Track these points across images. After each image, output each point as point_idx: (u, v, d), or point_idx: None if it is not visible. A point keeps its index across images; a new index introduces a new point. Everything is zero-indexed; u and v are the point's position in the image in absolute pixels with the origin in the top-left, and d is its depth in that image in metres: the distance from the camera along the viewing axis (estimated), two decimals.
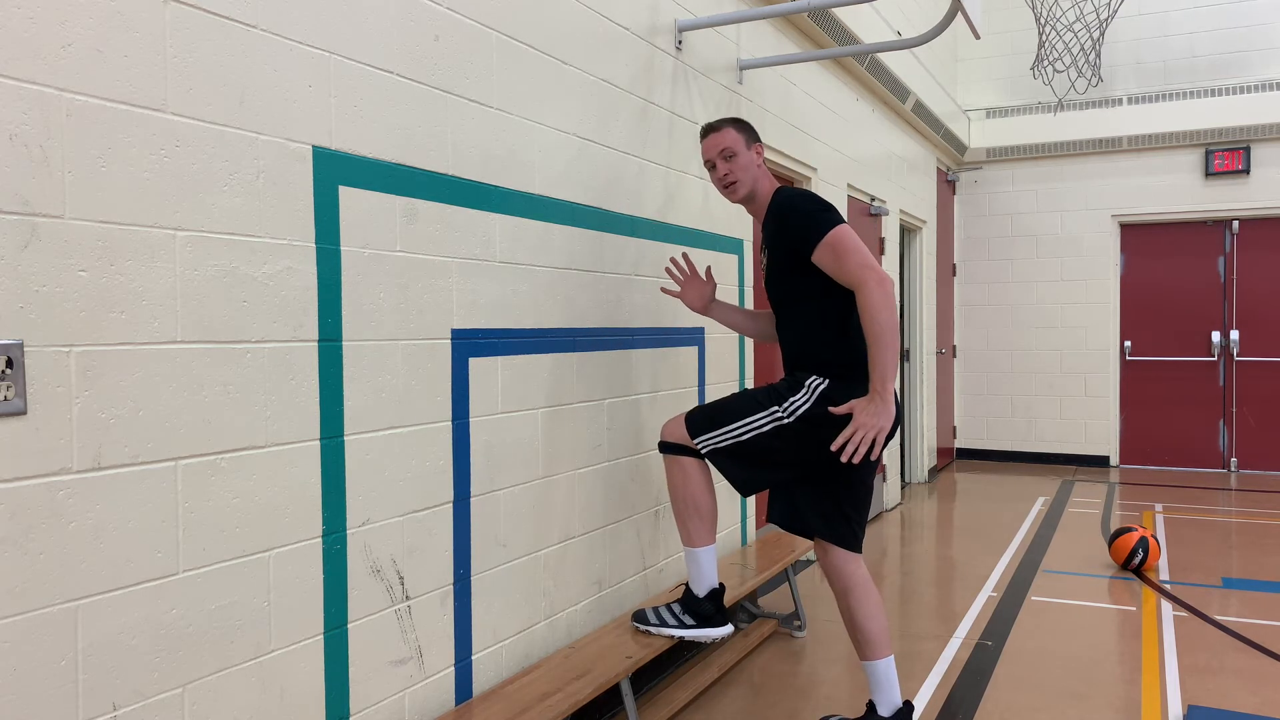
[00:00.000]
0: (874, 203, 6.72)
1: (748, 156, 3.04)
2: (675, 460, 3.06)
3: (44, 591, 1.71)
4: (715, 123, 3.12)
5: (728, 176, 3.05)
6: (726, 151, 3.04)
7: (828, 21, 5.15)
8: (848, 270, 2.74)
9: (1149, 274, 8.96)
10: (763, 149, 3.10)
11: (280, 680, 2.16)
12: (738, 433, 2.91)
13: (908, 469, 8.20)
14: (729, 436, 2.92)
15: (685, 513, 3.06)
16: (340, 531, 2.32)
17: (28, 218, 1.68)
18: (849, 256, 2.74)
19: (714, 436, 2.94)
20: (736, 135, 3.06)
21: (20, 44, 1.66)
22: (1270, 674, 3.77)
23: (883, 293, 2.68)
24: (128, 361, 1.84)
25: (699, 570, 3.11)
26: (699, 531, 3.07)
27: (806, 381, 2.88)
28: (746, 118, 4.53)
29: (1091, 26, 6.82)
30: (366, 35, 2.37)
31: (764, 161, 3.10)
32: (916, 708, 3.47)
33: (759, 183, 3.06)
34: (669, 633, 3.14)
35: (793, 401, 2.86)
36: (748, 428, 2.90)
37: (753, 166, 3.05)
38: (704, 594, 3.12)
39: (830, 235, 2.77)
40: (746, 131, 3.09)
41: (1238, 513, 7.02)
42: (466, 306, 2.72)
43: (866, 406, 2.69)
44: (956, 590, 5.07)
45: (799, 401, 2.86)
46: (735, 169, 3.03)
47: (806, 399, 2.85)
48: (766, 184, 3.07)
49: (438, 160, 2.60)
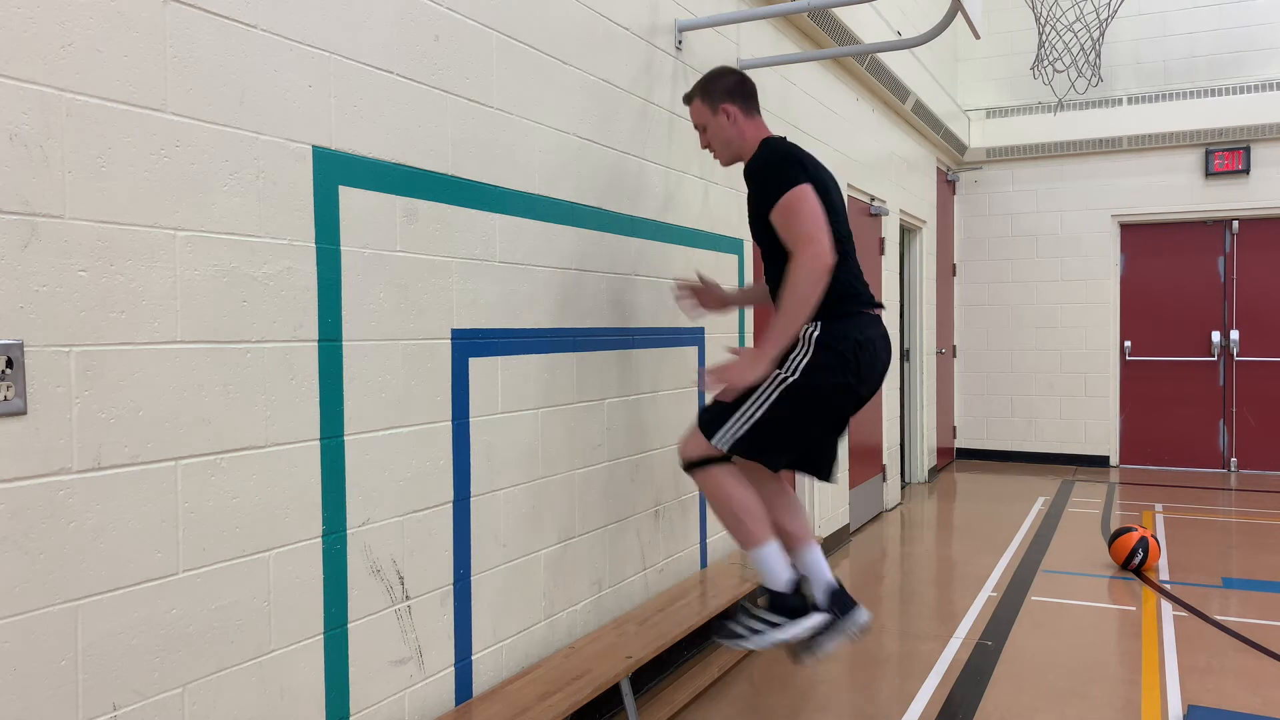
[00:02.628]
0: (874, 203, 6.72)
1: (717, 122, 3.00)
2: (704, 473, 2.87)
3: (44, 591, 1.71)
4: (686, 94, 3.13)
5: (707, 148, 3.10)
6: (697, 124, 3.08)
7: (827, 21, 5.15)
8: (791, 235, 2.70)
9: (1149, 274, 8.96)
10: (733, 106, 2.98)
11: (280, 680, 2.16)
12: (751, 412, 2.75)
13: (908, 469, 8.20)
14: (745, 420, 2.76)
15: (734, 519, 2.84)
16: (340, 531, 2.32)
17: (28, 218, 1.68)
18: (794, 223, 2.69)
19: (729, 428, 2.77)
20: (700, 106, 3.04)
21: (20, 44, 1.66)
22: (1270, 674, 3.77)
23: (810, 268, 2.63)
24: (128, 361, 1.84)
25: (770, 568, 2.85)
26: (755, 530, 2.83)
27: (800, 335, 2.76)
28: None
29: (1091, 26, 6.82)
30: (366, 35, 2.37)
31: (742, 116, 2.99)
32: (916, 708, 3.47)
33: (741, 140, 2.99)
34: (773, 640, 2.83)
35: (793, 359, 2.74)
36: (758, 403, 2.75)
37: (726, 129, 2.99)
38: (784, 588, 2.84)
39: (785, 196, 2.71)
40: (711, 96, 3.01)
41: (1238, 513, 7.02)
42: (466, 306, 2.72)
43: (745, 357, 2.70)
44: (956, 590, 5.07)
45: (799, 357, 2.74)
46: (710, 139, 3.06)
47: (805, 350, 2.74)
48: (752, 136, 2.99)
49: (438, 160, 2.60)
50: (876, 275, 6.81)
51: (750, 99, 3.03)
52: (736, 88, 3.01)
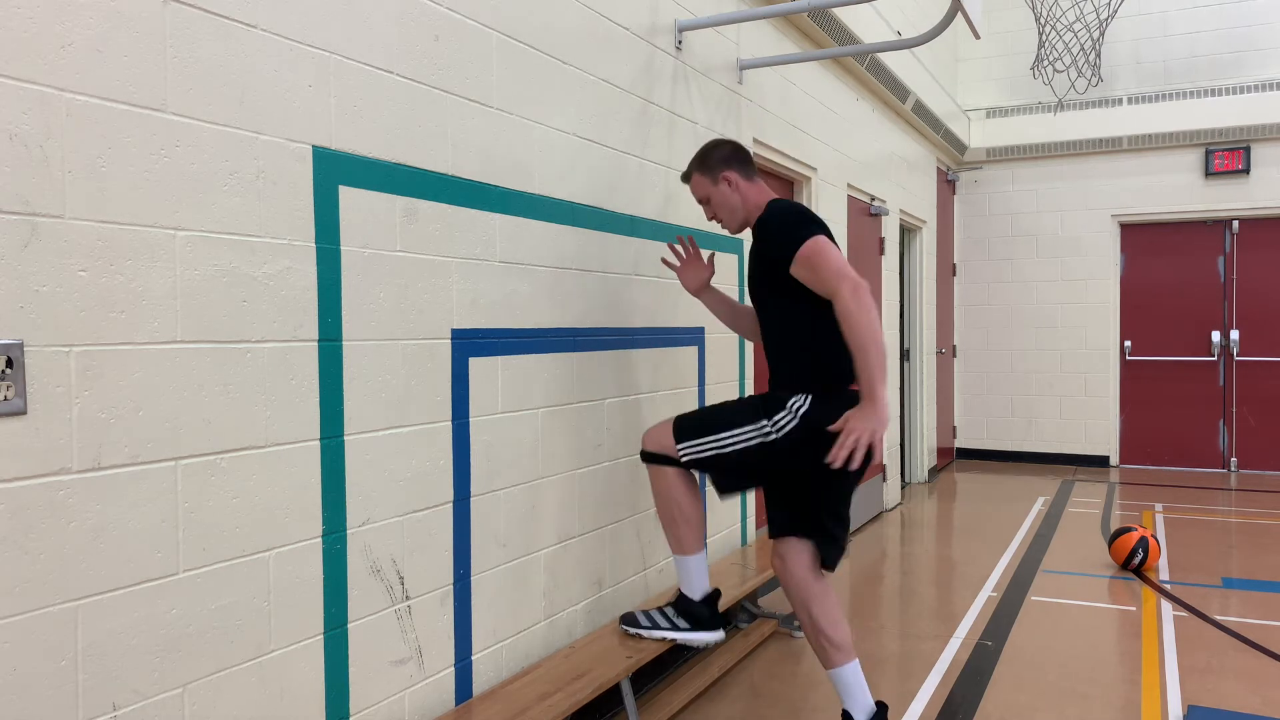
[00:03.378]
0: (874, 203, 6.72)
1: (720, 193, 3.03)
2: (658, 470, 3.03)
3: (44, 591, 1.71)
4: (684, 174, 3.16)
5: (713, 219, 3.13)
6: (700, 198, 3.10)
7: (828, 21, 5.15)
8: (823, 280, 2.71)
9: (1149, 274, 8.96)
10: (732, 173, 3.01)
11: (280, 680, 2.16)
12: (722, 443, 2.89)
13: (908, 469, 8.20)
14: (712, 447, 2.90)
15: (672, 522, 3.04)
16: (340, 531, 2.32)
17: (28, 218, 1.68)
18: (823, 266, 2.70)
19: (696, 446, 2.92)
20: (700, 179, 3.07)
21: (20, 44, 1.66)
22: (1270, 674, 3.77)
23: (857, 300, 2.63)
24: (128, 361, 1.84)
25: (690, 577, 3.09)
26: (688, 539, 3.05)
27: (788, 403, 2.82)
28: (746, 118, 4.55)
29: (1091, 26, 6.82)
30: (366, 35, 2.37)
31: (742, 181, 3.02)
32: (916, 708, 3.47)
33: (746, 206, 3.02)
34: (660, 635, 3.11)
35: (778, 421, 2.82)
36: (733, 440, 2.87)
37: (731, 198, 3.02)
38: (699, 597, 3.09)
39: (804, 247, 2.74)
40: (710, 168, 3.04)
41: (1238, 513, 7.02)
42: (466, 306, 2.72)
43: (859, 413, 2.62)
44: (956, 590, 5.07)
45: (784, 422, 2.82)
46: (715, 210, 3.08)
47: (790, 420, 2.81)
48: (756, 200, 3.01)
49: (438, 160, 2.60)
50: (876, 275, 6.81)
51: (747, 164, 3.06)
52: (733, 155, 3.05)
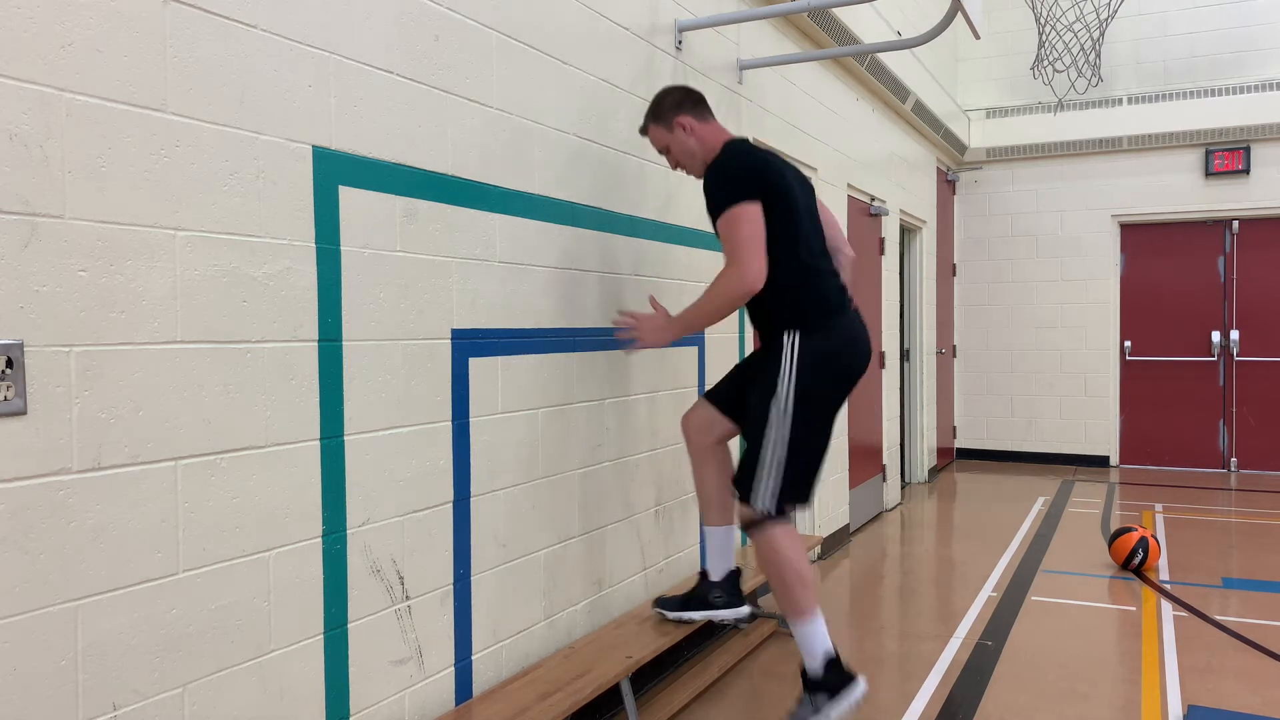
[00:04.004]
0: (874, 203, 6.72)
1: (677, 139, 3.08)
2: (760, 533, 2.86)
3: (44, 591, 1.71)
4: (640, 128, 3.22)
5: (677, 168, 3.20)
6: (660, 149, 3.19)
7: (828, 21, 5.15)
8: (725, 249, 2.82)
9: (1149, 274, 8.96)
10: (685, 117, 3.05)
11: (280, 680, 2.16)
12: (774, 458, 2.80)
13: (908, 469, 8.20)
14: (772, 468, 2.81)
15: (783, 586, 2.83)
16: (340, 531, 2.32)
17: (28, 218, 1.68)
18: (729, 239, 2.80)
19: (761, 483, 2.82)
20: (657, 130, 3.12)
21: (20, 44, 1.66)
22: (1270, 674, 3.77)
23: (730, 287, 2.76)
24: (128, 361, 1.84)
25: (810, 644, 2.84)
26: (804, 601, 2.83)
27: (781, 351, 2.83)
28: (746, 117, 4.55)
29: (1091, 26, 6.82)
30: (366, 35, 2.37)
31: (697, 124, 3.05)
32: (916, 707, 3.47)
33: (704, 147, 3.05)
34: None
35: (783, 381, 2.82)
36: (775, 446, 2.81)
37: (688, 143, 3.06)
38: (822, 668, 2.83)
39: (728, 212, 2.80)
40: (663, 117, 3.09)
41: (1238, 513, 7.02)
42: (466, 306, 2.72)
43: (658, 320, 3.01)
44: (956, 590, 5.07)
45: (786, 379, 2.81)
46: (677, 157, 3.14)
47: (790, 371, 2.81)
48: (712, 142, 3.04)
49: (438, 160, 2.60)
50: (876, 275, 6.81)
51: (700, 105, 3.11)
52: (684, 98, 3.11)
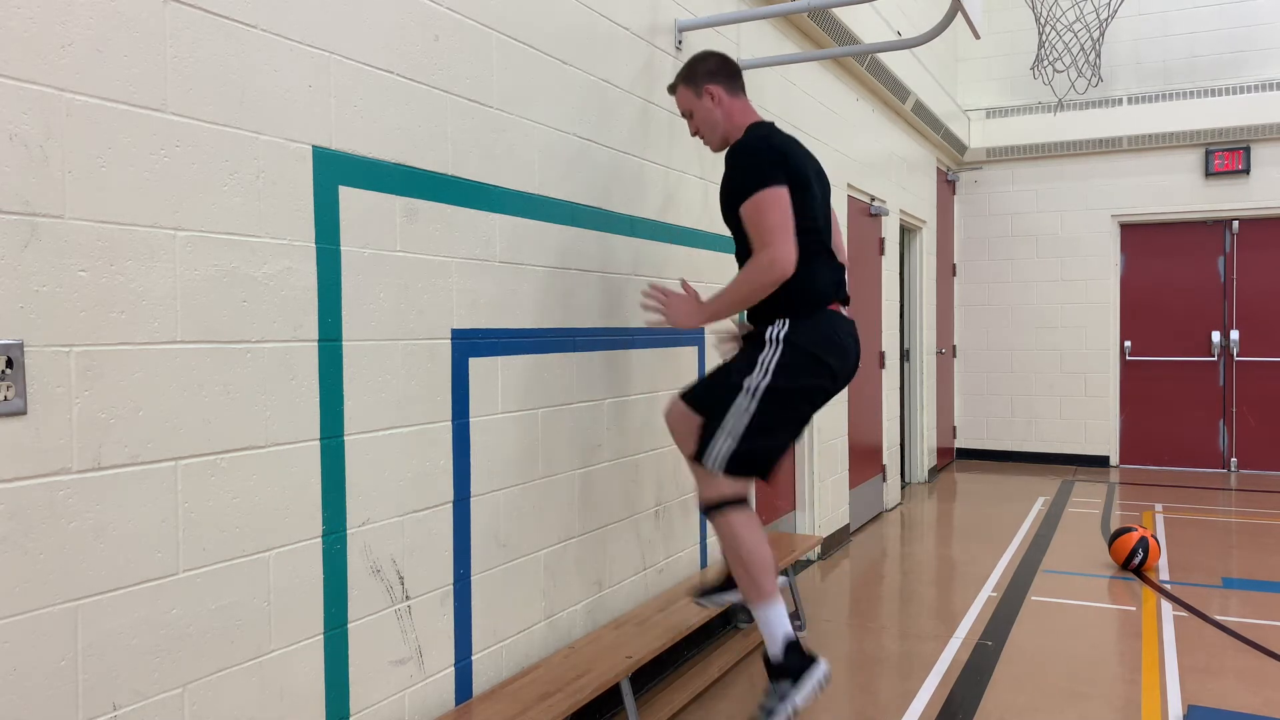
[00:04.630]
0: (874, 203, 6.72)
1: (702, 105, 3.02)
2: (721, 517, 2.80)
3: (44, 591, 1.71)
4: (670, 85, 3.17)
5: (696, 135, 3.12)
6: (684, 111, 3.11)
7: (828, 21, 5.15)
8: (755, 234, 2.72)
9: (1149, 274, 8.96)
10: (717, 87, 2.98)
11: (280, 680, 2.16)
12: (732, 424, 2.74)
13: (908, 469, 8.20)
14: (728, 434, 2.74)
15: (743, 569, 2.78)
16: (340, 531, 2.32)
17: (28, 218, 1.68)
18: (761, 223, 2.70)
19: (715, 445, 2.76)
20: (685, 91, 3.06)
21: (20, 44, 1.66)
22: (1270, 674, 3.77)
23: (765, 270, 2.67)
24: (128, 361, 1.84)
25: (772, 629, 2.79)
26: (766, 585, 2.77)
27: (768, 334, 2.77)
28: None
29: (1091, 26, 6.82)
30: (366, 35, 2.37)
31: (726, 96, 2.99)
32: (916, 707, 3.47)
33: (729, 122, 3.00)
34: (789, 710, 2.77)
35: (763, 360, 2.74)
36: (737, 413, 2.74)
37: (713, 113, 3.00)
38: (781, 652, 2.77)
39: (758, 194, 2.71)
40: (694, 79, 3.03)
41: (1238, 513, 7.02)
42: (466, 306, 2.72)
43: (691, 304, 2.92)
44: (956, 590, 5.07)
45: (768, 357, 2.74)
46: (698, 124, 3.07)
47: (774, 350, 2.75)
48: (738, 120, 2.99)
49: (438, 160, 2.60)
50: (876, 275, 6.81)
51: (734, 79, 3.03)
52: (719, 68, 3.02)
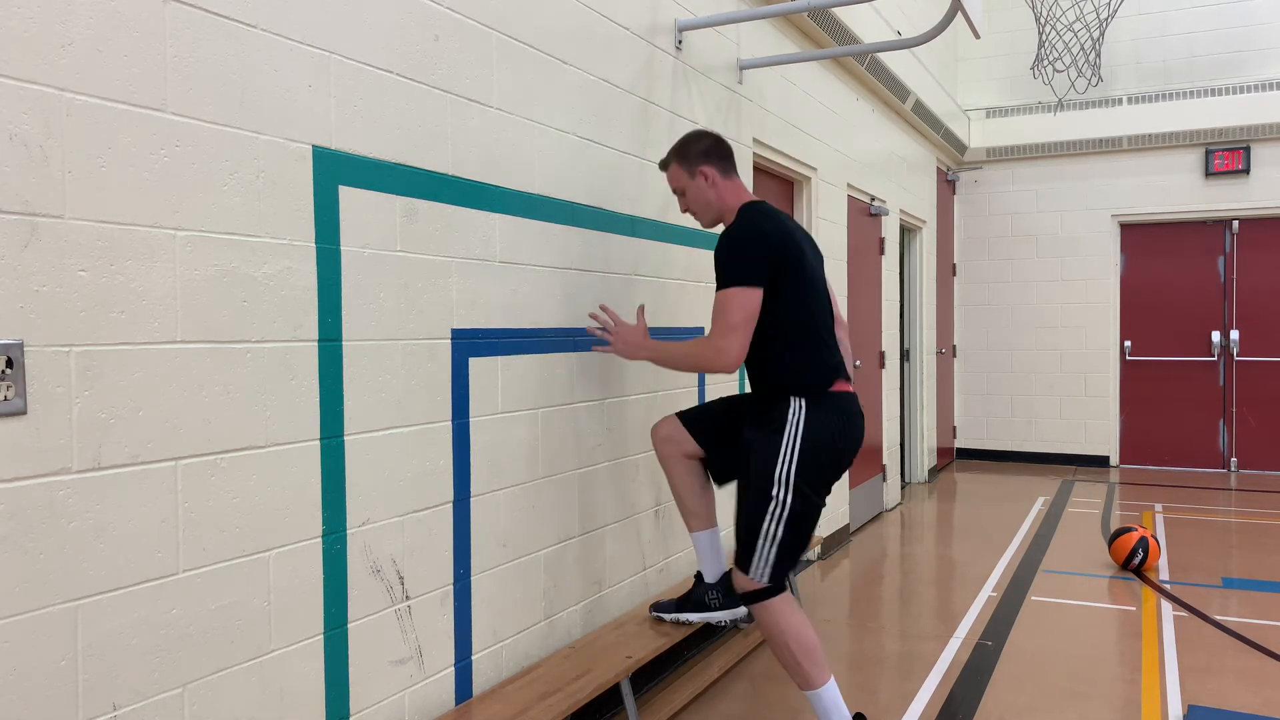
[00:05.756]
0: (874, 203, 6.72)
1: (695, 185, 3.01)
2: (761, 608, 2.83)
3: (44, 591, 1.71)
4: (661, 161, 3.14)
5: (686, 211, 3.13)
6: (675, 189, 3.10)
7: (828, 21, 5.15)
8: (715, 321, 2.80)
9: (1149, 274, 8.96)
10: (710, 168, 2.98)
11: (280, 680, 2.16)
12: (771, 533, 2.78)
13: (908, 469, 8.20)
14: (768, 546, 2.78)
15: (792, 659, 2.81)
16: (340, 531, 2.32)
17: (28, 218, 1.68)
18: (721, 317, 2.78)
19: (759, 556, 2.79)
20: (677, 170, 3.05)
21: (20, 44, 1.66)
22: (1270, 674, 3.77)
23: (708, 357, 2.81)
24: (128, 361, 1.84)
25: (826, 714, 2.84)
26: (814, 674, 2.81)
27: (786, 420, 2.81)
28: (746, 118, 4.55)
29: (1091, 26, 6.82)
30: (366, 35, 2.37)
31: (720, 178, 2.99)
32: (916, 707, 3.47)
33: (721, 203, 3.01)
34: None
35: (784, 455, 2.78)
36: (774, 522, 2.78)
37: (705, 193, 3.01)
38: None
39: (728, 290, 2.77)
40: (688, 160, 3.02)
41: (1238, 513, 7.02)
42: (466, 306, 2.72)
43: (639, 337, 3.04)
44: (956, 590, 5.07)
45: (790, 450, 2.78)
46: (690, 203, 3.08)
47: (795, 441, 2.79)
48: (730, 201, 3.00)
49: (438, 160, 2.60)
50: (877, 275, 6.81)
51: (726, 160, 3.03)
52: (712, 149, 3.01)
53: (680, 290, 3.91)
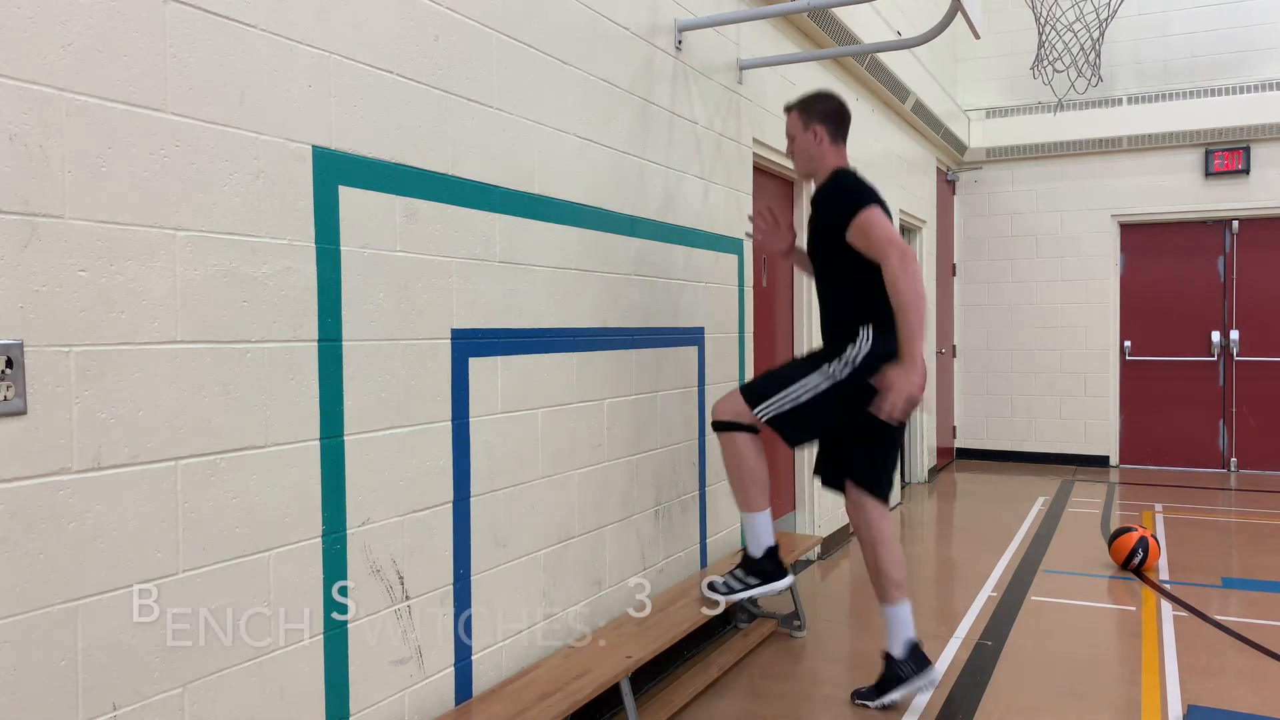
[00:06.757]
0: None
1: (805, 139, 3.35)
2: (729, 437, 3.33)
3: (44, 591, 1.71)
4: (788, 103, 3.45)
5: (790, 154, 3.47)
6: (788, 133, 3.43)
7: (828, 21, 5.15)
8: (874, 245, 3.09)
9: (1149, 274, 8.96)
10: (823, 128, 3.32)
11: (280, 680, 2.16)
12: (796, 395, 3.22)
13: (908, 469, 8.20)
14: (788, 400, 3.23)
15: (744, 483, 3.34)
16: (340, 531, 2.32)
17: (28, 218, 1.68)
18: (874, 233, 3.09)
19: (773, 403, 3.24)
20: (796, 118, 3.38)
21: (20, 44, 1.66)
22: (1270, 674, 3.77)
23: (904, 265, 3.01)
24: (128, 361, 1.84)
25: (757, 533, 3.39)
26: (757, 498, 3.35)
27: (849, 349, 3.19)
28: (746, 118, 4.55)
29: (1091, 26, 6.82)
30: (366, 35, 2.37)
31: (828, 140, 3.33)
32: (916, 707, 3.47)
33: (819, 161, 3.35)
34: (741, 596, 3.43)
35: (849, 357, 3.18)
36: (805, 389, 3.22)
37: (810, 147, 3.35)
38: (762, 554, 3.39)
39: (859, 216, 3.11)
40: (806, 114, 3.36)
41: (1238, 513, 7.02)
42: (466, 306, 2.72)
43: (898, 372, 3.03)
44: (956, 590, 5.06)
45: (854, 355, 3.17)
46: (795, 149, 3.42)
47: (853, 360, 3.17)
48: (829, 162, 3.34)
49: (438, 160, 2.60)
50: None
51: (841, 126, 3.38)
52: (833, 114, 3.37)
53: (680, 290, 3.91)
